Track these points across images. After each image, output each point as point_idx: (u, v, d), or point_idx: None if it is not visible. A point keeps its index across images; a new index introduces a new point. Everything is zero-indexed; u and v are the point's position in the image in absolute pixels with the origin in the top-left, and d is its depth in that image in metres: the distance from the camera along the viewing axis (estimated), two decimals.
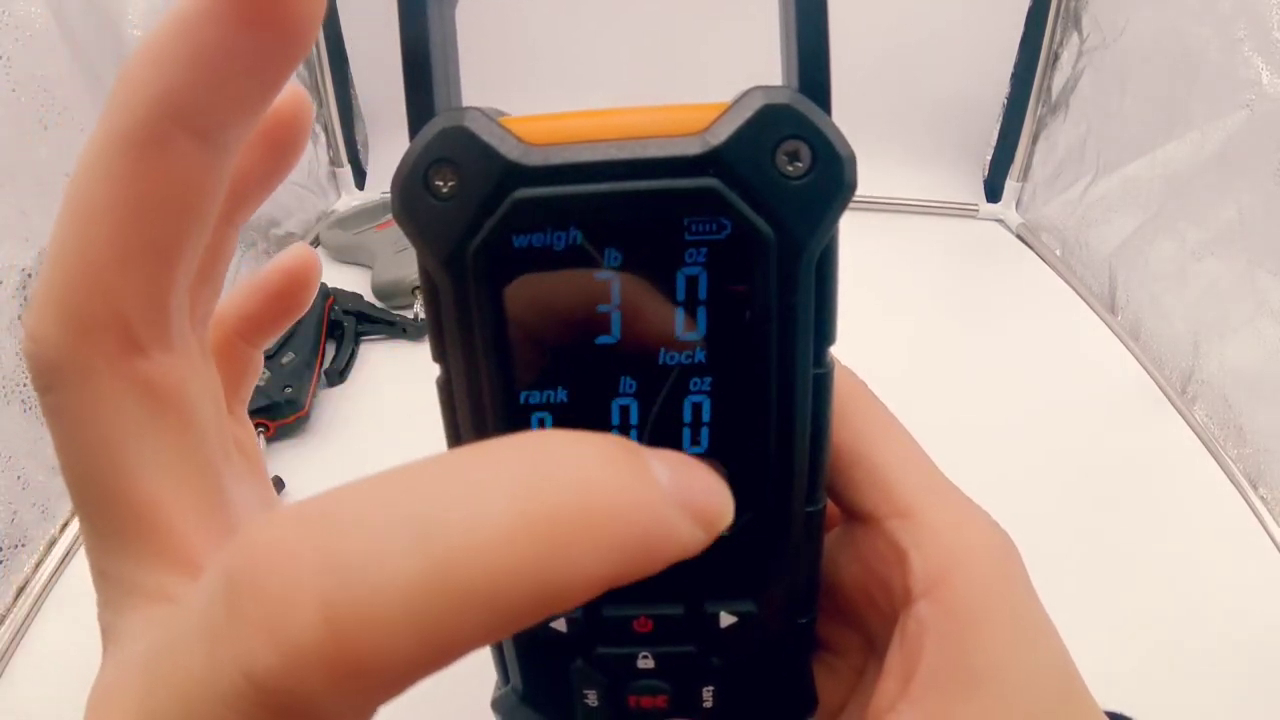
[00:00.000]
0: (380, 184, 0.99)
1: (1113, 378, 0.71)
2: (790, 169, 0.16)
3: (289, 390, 0.61)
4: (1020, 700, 0.17)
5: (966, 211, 0.97)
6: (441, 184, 0.16)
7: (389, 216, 0.84)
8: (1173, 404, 0.68)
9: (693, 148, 0.16)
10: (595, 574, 0.10)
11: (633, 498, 0.10)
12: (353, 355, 0.71)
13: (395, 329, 0.73)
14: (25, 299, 0.52)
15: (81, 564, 0.53)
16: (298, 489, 0.58)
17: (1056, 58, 0.88)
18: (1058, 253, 0.88)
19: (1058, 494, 0.58)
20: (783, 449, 0.18)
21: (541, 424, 0.18)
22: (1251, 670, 0.47)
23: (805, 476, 0.19)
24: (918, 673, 0.18)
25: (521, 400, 0.18)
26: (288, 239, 0.87)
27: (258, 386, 0.61)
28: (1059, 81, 0.88)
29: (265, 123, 0.15)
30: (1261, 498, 0.59)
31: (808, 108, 0.16)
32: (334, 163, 0.96)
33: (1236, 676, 0.47)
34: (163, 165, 0.12)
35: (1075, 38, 0.86)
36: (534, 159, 0.16)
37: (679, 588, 0.20)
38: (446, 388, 0.18)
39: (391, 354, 0.73)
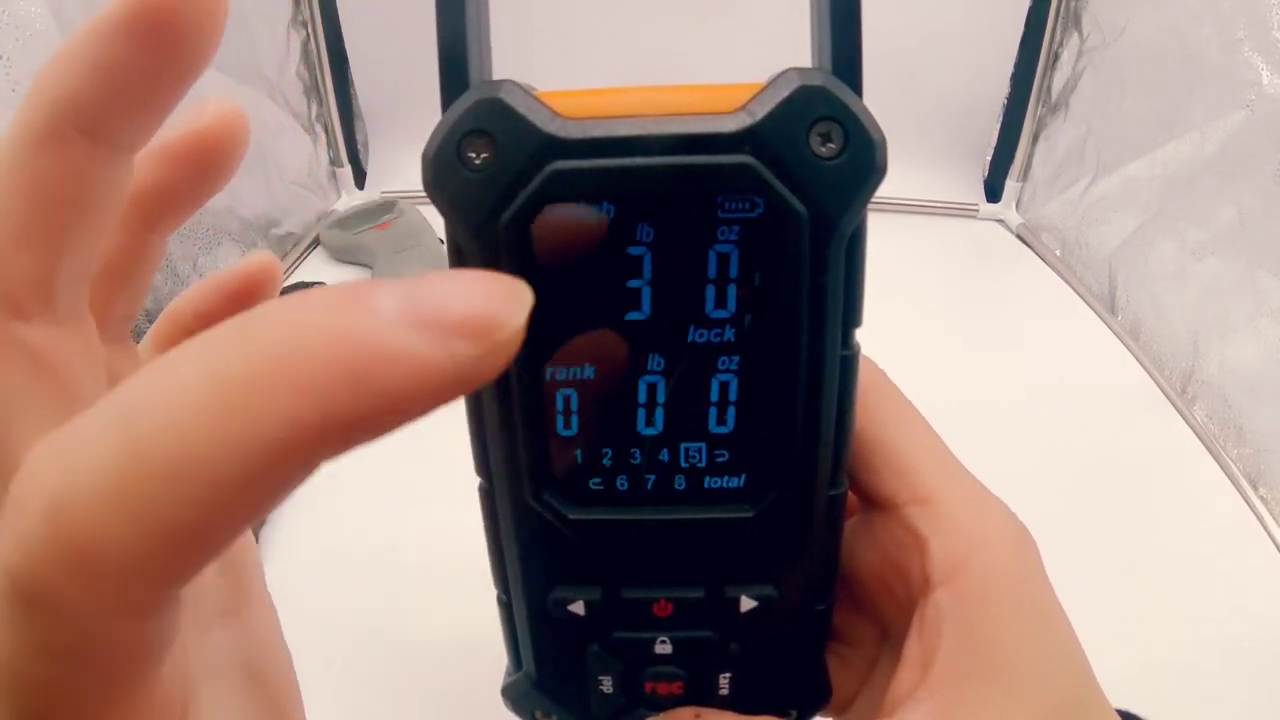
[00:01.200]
0: (380, 184, 0.99)
1: (1113, 378, 0.71)
2: (823, 150, 0.16)
3: None
4: (1038, 691, 0.17)
5: (966, 211, 0.97)
6: (475, 155, 0.16)
7: (389, 217, 0.84)
8: (1173, 404, 0.68)
9: (729, 125, 0.16)
10: (301, 418, 0.09)
11: (329, 330, 0.09)
12: None
13: None
14: None
15: None
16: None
17: (1056, 58, 0.88)
18: (1058, 253, 0.88)
19: (1057, 494, 0.58)
20: (809, 430, 0.18)
21: (567, 401, 0.18)
22: (1251, 669, 0.47)
23: (830, 459, 0.19)
24: (936, 661, 0.18)
25: (547, 376, 0.17)
26: (287, 239, 0.87)
27: None
28: (1059, 81, 0.88)
29: (191, 141, 0.16)
30: (1261, 498, 0.59)
31: (841, 90, 0.16)
32: (334, 163, 0.96)
33: (1236, 675, 0.47)
34: (58, 160, 0.13)
35: (1075, 38, 0.86)
36: (570, 132, 0.16)
37: (700, 571, 0.20)
38: None
39: None
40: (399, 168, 0.99)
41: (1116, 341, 0.75)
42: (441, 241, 0.85)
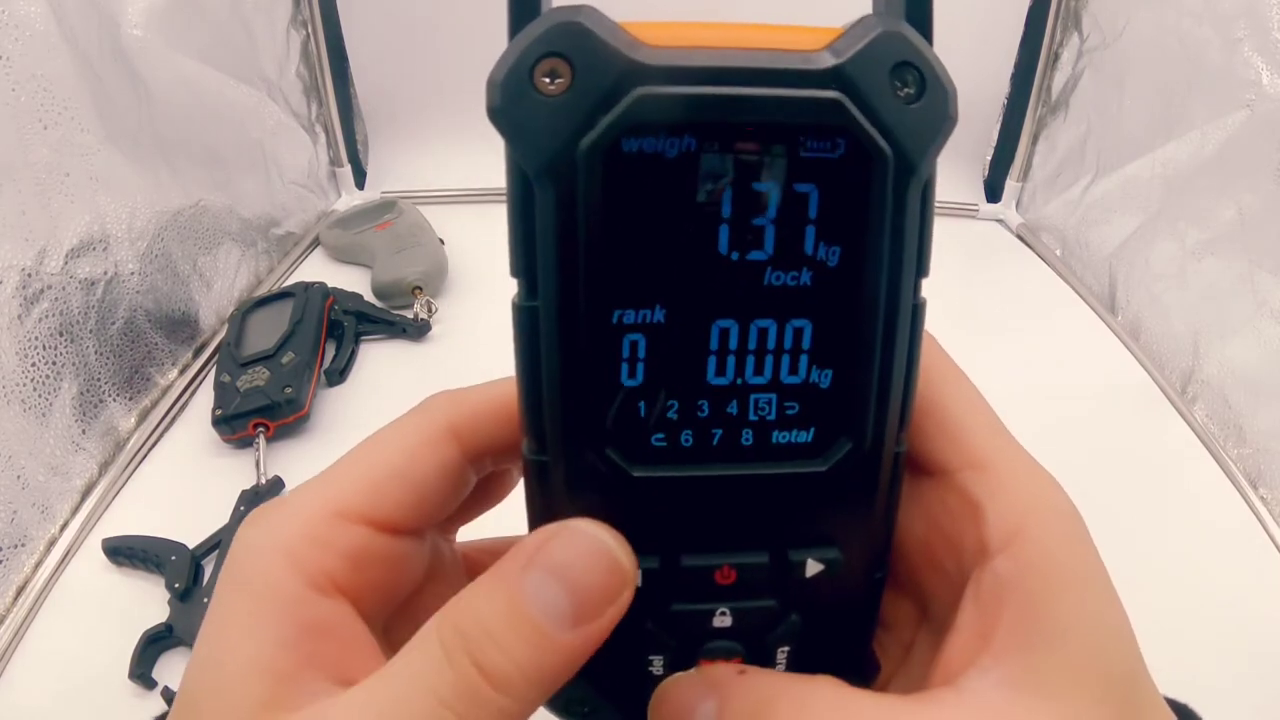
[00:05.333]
0: (380, 184, 0.99)
1: (1113, 378, 0.71)
2: (902, 93, 0.16)
3: (289, 390, 0.61)
4: (1101, 660, 0.17)
5: (966, 211, 0.97)
6: (549, 80, 0.15)
7: (389, 217, 0.84)
8: (1173, 404, 0.68)
9: (818, 62, 0.16)
10: None
11: None
12: (352, 355, 0.71)
13: (395, 329, 0.73)
14: (25, 298, 0.52)
15: (81, 564, 0.54)
16: None
17: (1056, 58, 0.88)
18: (1058, 253, 0.88)
19: None
20: (883, 380, 0.18)
21: (634, 348, 0.17)
22: (1251, 669, 0.47)
23: (899, 410, 0.18)
24: (998, 629, 0.17)
25: (614, 320, 0.17)
26: (287, 239, 0.87)
27: (258, 387, 0.62)
28: (1059, 81, 0.88)
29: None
30: (1261, 498, 0.59)
31: (918, 38, 0.16)
32: (334, 163, 0.96)
33: (1236, 675, 0.47)
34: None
35: (1075, 38, 0.86)
36: (656, 59, 0.15)
37: (764, 533, 0.19)
38: (528, 306, 0.17)
39: (391, 354, 0.73)
40: (399, 168, 0.99)
41: (1116, 341, 0.75)
42: (442, 242, 0.85)
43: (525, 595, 0.16)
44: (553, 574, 0.17)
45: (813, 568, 0.19)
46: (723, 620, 0.20)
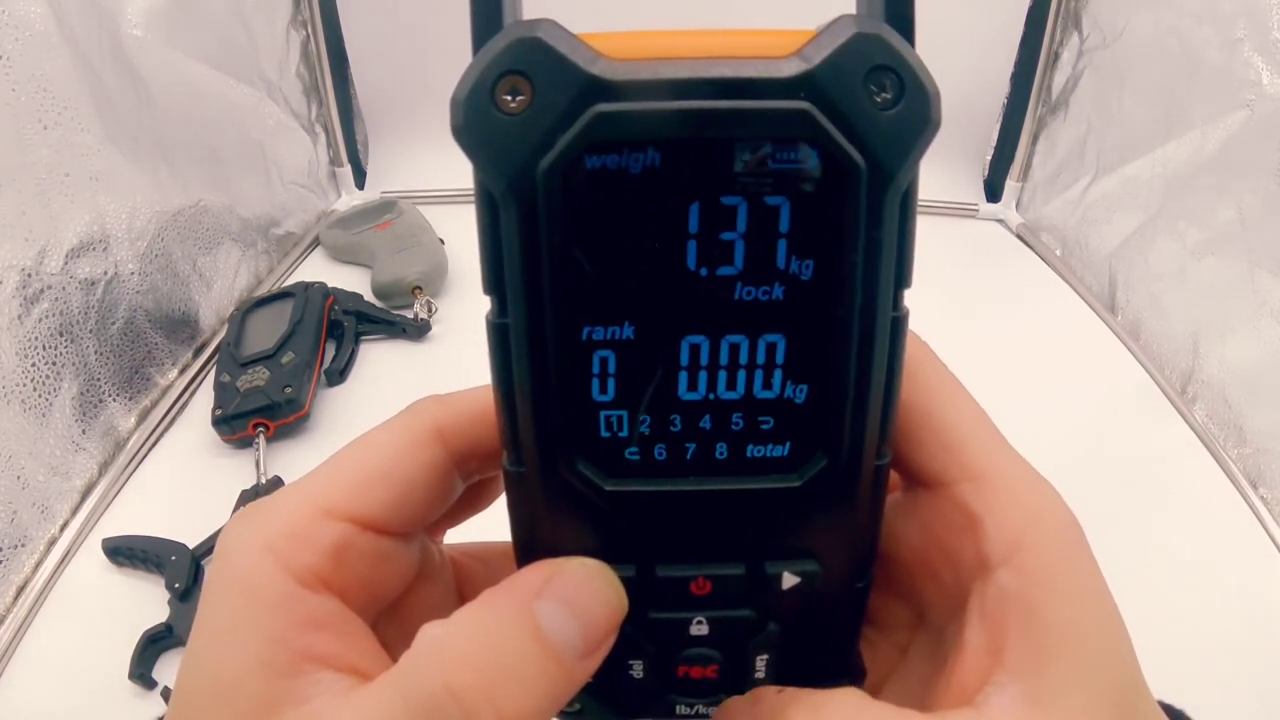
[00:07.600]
0: (380, 184, 0.99)
1: (1113, 378, 0.71)
2: (879, 99, 0.15)
3: (289, 390, 0.61)
4: (1108, 669, 0.17)
5: (966, 211, 0.97)
6: (510, 98, 0.15)
7: (389, 217, 0.84)
8: (1173, 404, 0.68)
9: (784, 70, 0.15)
10: None
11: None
12: (352, 355, 0.71)
13: (395, 329, 0.73)
14: (25, 298, 0.52)
15: (80, 564, 0.54)
16: None
17: (1056, 58, 0.88)
18: (1058, 253, 0.88)
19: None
20: (859, 395, 0.17)
21: (604, 364, 0.17)
22: (1251, 669, 0.47)
23: (878, 426, 0.18)
24: (1008, 644, 0.17)
25: (584, 337, 0.17)
26: (287, 239, 0.87)
27: (258, 387, 0.62)
28: (1059, 81, 0.88)
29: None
30: (1261, 498, 0.59)
31: (896, 39, 0.16)
32: (334, 163, 0.96)
33: (1236, 675, 0.47)
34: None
35: (1075, 38, 0.86)
36: (615, 73, 0.15)
37: (740, 546, 0.19)
38: (499, 323, 0.17)
39: (391, 354, 0.73)
40: (399, 168, 0.99)
41: (1116, 341, 0.75)
42: (442, 242, 0.85)
43: (544, 628, 0.17)
44: (567, 606, 0.17)
45: (789, 580, 0.19)
46: (700, 629, 0.20)
